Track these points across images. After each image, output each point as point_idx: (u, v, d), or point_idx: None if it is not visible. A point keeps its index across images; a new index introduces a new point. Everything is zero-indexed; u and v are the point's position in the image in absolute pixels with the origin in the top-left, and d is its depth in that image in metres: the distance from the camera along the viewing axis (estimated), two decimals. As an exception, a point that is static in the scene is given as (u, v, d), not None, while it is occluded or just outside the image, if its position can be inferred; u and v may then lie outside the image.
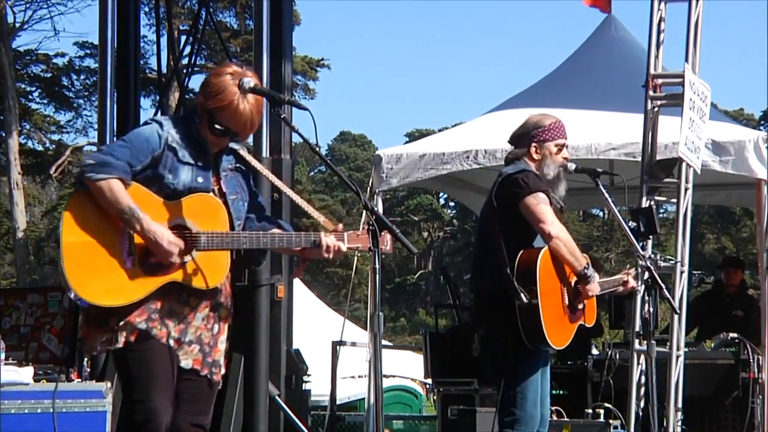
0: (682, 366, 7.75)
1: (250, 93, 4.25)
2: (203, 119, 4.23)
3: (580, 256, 5.22)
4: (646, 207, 7.56)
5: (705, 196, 11.02)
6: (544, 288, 5.07)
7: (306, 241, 4.29)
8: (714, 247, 60.98)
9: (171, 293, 4.14)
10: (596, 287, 5.27)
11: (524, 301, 5.02)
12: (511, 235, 5.21)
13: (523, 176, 5.25)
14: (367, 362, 9.22)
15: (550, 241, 5.13)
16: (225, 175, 4.32)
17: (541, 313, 5.02)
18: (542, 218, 5.13)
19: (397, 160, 9.17)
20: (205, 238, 4.12)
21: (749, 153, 8.24)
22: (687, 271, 7.88)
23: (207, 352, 4.25)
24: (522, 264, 5.11)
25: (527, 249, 5.17)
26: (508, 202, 5.24)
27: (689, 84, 7.72)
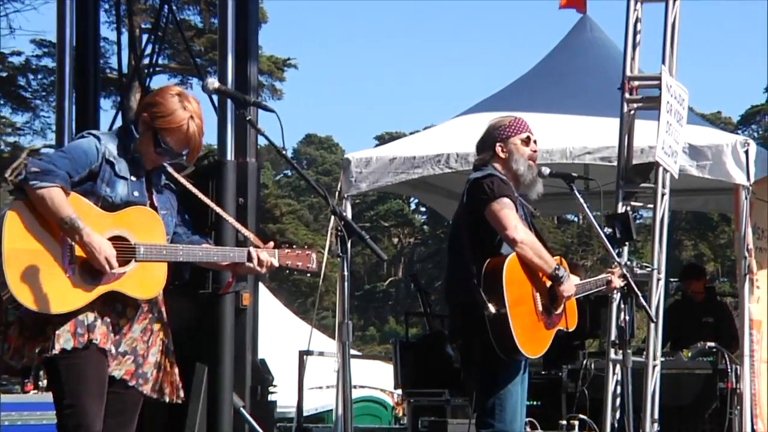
0: (658, 376, 7.79)
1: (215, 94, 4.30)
2: (145, 136, 4.38)
3: (549, 258, 5.23)
4: (621, 213, 7.62)
5: (682, 202, 11.09)
6: (512, 296, 5.08)
7: (239, 255, 4.46)
8: (691, 253, 61.36)
9: (109, 303, 4.28)
10: (571, 287, 5.29)
11: (492, 311, 5.03)
12: (478, 242, 5.23)
13: (488, 181, 5.27)
14: (335, 372, 9.22)
15: (515, 247, 5.14)
16: (158, 191, 4.47)
17: (511, 323, 5.03)
18: (506, 224, 5.14)
19: (366, 164, 9.18)
20: (144, 250, 4.27)
21: (727, 158, 8.30)
22: (664, 279, 7.93)
23: (139, 363, 4.39)
24: (488, 273, 5.12)
25: (494, 257, 5.18)
26: (475, 209, 5.27)
27: (666, 86, 7.77)
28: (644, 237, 44.81)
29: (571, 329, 5.43)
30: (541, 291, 5.25)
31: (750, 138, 8.84)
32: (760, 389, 8.48)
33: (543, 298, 5.25)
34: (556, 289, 5.25)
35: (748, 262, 8.28)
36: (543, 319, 5.23)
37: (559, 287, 5.23)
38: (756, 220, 8.72)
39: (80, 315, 4.20)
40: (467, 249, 5.24)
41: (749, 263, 8.31)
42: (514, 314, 5.05)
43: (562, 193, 6.16)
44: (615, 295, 7.47)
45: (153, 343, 4.43)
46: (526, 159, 5.42)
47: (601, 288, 5.69)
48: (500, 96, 10.06)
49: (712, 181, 8.58)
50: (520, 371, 5.29)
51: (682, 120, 7.98)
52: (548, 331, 5.27)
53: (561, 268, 5.24)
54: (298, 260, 4.52)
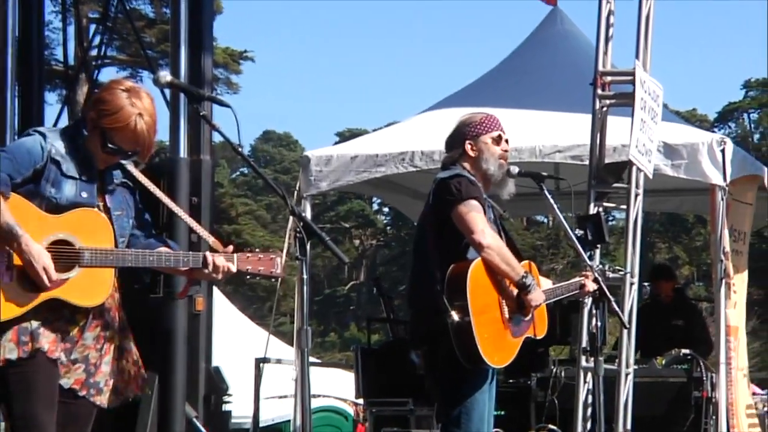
0: (631, 384, 7.83)
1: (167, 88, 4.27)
2: (93, 135, 4.33)
3: (517, 264, 5.22)
4: (593, 214, 7.65)
5: (656, 203, 11.16)
6: (476, 304, 5.08)
7: (194, 260, 4.40)
8: (666, 256, 61.76)
9: (55, 310, 4.23)
10: (539, 296, 5.29)
11: (455, 319, 5.03)
12: (444, 246, 5.22)
13: (455, 182, 5.26)
14: (294, 381, 9.19)
15: (481, 252, 5.13)
16: (110, 190, 4.42)
17: (475, 332, 5.03)
18: (473, 228, 5.13)
19: (326, 162, 9.17)
20: (89, 255, 4.22)
21: (703, 157, 8.35)
22: (637, 283, 7.98)
23: (91, 373, 4.36)
24: (452, 279, 5.11)
25: (460, 261, 5.18)
26: (441, 210, 5.26)
27: (640, 82, 7.82)
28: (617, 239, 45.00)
29: (540, 337, 5.44)
30: (508, 298, 5.25)
31: (727, 136, 8.91)
32: (737, 398, 8.54)
33: (510, 306, 5.25)
34: (523, 297, 5.25)
35: (724, 265, 8.34)
36: (510, 327, 5.23)
37: (526, 296, 5.23)
38: (733, 221, 8.78)
39: (23, 323, 4.16)
40: (432, 252, 5.23)
41: (725, 267, 8.37)
42: (478, 322, 5.05)
43: (531, 193, 6.18)
44: (586, 300, 7.51)
45: (106, 351, 4.39)
46: (497, 159, 5.42)
47: (574, 292, 5.70)
48: (467, 91, 10.08)
49: (688, 181, 8.64)
50: (486, 379, 5.29)
51: (657, 117, 8.03)
52: (515, 340, 5.27)
53: (529, 276, 5.24)
54: (260, 265, 4.46)
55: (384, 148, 9.19)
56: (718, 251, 8.36)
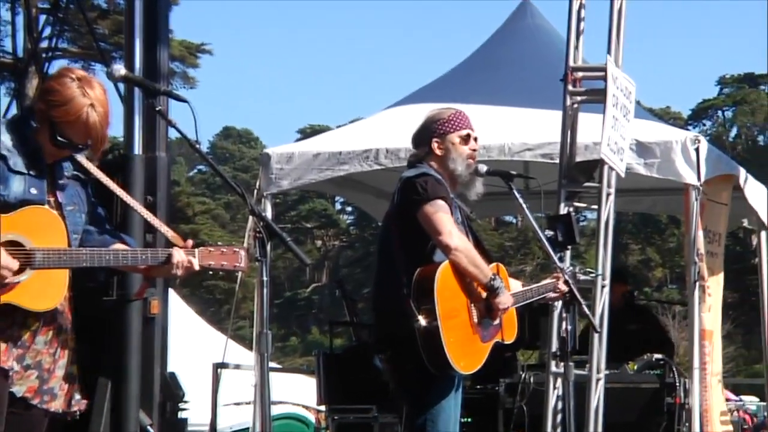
0: (602, 390, 7.86)
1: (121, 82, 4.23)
2: (42, 127, 4.25)
3: (485, 266, 5.24)
4: (564, 214, 7.68)
5: (629, 203, 11.21)
6: (444, 307, 5.08)
7: (153, 258, 4.34)
8: (638, 258, 62.14)
9: (6, 315, 4.16)
10: (507, 299, 5.30)
11: (422, 324, 5.04)
12: (410, 247, 5.22)
13: (421, 181, 5.26)
14: (253, 387, 9.17)
15: (449, 254, 5.14)
16: (62, 185, 4.34)
17: (443, 337, 5.03)
18: (440, 229, 5.14)
19: (287, 160, 9.16)
20: (41, 256, 4.13)
21: (676, 155, 8.40)
22: (609, 285, 8.01)
23: (45, 379, 4.29)
24: (419, 282, 5.11)
25: (426, 264, 5.18)
26: (406, 211, 5.26)
27: (612, 78, 7.85)
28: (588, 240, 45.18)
29: (509, 341, 5.46)
30: (477, 301, 5.27)
31: (701, 134, 8.96)
32: (711, 404, 8.60)
33: (479, 309, 5.26)
34: (491, 300, 5.26)
35: (698, 267, 8.38)
36: (478, 331, 5.25)
37: (495, 299, 5.24)
38: (707, 222, 8.83)
39: None
40: (397, 254, 5.24)
41: (700, 269, 8.41)
42: (446, 327, 5.06)
43: (500, 192, 6.19)
44: (556, 303, 7.54)
45: (61, 356, 4.33)
46: (465, 158, 5.42)
47: (545, 295, 5.72)
48: (434, 87, 10.10)
49: (661, 180, 8.69)
50: (453, 386, 5.30)
51: (629, 114, 8.06)
52: (484, 345, 5.29)
53: (497, 279, 5.25)
54: (223, 259, 4.39)
55: (347, 146, 9.19)
56: (692, 253, 8.41)
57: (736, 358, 44.88)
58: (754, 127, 61.25)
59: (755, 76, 62.52)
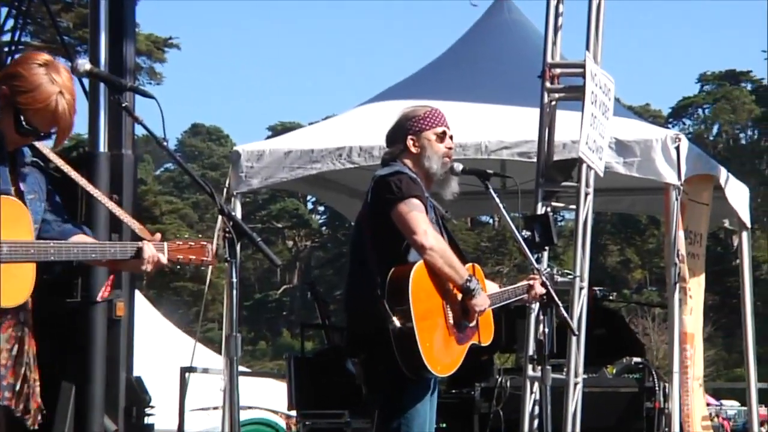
0: (580, 395, 7.89)
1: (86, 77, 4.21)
2: (6, 113, 4.19)
3: (461, 267, 5.25)
4: (541, 214, 7.70)
5: (607, 203, 11.25)
6: (419, 308, 5.09)
7: (122, 252, 4.29)
8: (617, 259, 62.43)
9: None
10: (483, 301, 5.31)
11: (397, 325, 5.04)
12: (384, 247, 5.22)
13: (395, 179, 5.26)
14: (222, 391, 9.15)
15: (423, 254, 5.15)
16: (24, 173, 4.28)
17: (418, 339, 5.04)
18: (414, 228, 5.15)
19: (258, 158, 9.14)
20: (8, 249, 4.07)
21: (656, 154, 8.43)
22: (587, 288, 8.04)
23: (2, 375, 4.25)
24: (393, 283, 5.12)
25: (401, 264, 5.18)
26: (380, 210, 5.27)
27: (591, 75, 7.87)
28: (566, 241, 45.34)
29: (486, 344, 5.46)
30: (452, 303, 5.28)
31: (681, 132, 8.99)
32: (693, 409, 8.63)
33: (454, 311, 5.27)
34: (467, 302, 5.27)
35: (679, 269, 8.41)
36: (454, 333, 5.26)
37: (470, 301, 5.26)
38: (688, 223, 8.87)
39: None
40: (370, 254, 5.23)
41: (680, 270, 8.44)
42: (421, 328, 5.06)
43: (476, 192, 6.20)
44: (533, 305, 7.55)
45: (21, 352, 4.27)
46: (441, 156, 5.43)
47: (522, 296, 5.73)
48: (409, 83, 10.10)
49: (641, 179, 8.72)
50: (428, 390, 5.31)
51: (608, 112, 8.09)
52: (460, 347, 5.30)
53: (473, 280, 5.26)
54: (192, 253, 4.36)
55: (320, 143, 9.18)
56: (673, 254, 8.43)
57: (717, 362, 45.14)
58: (735, 126, 61.56)
59: (737, 73, 62.90)
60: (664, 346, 34.78)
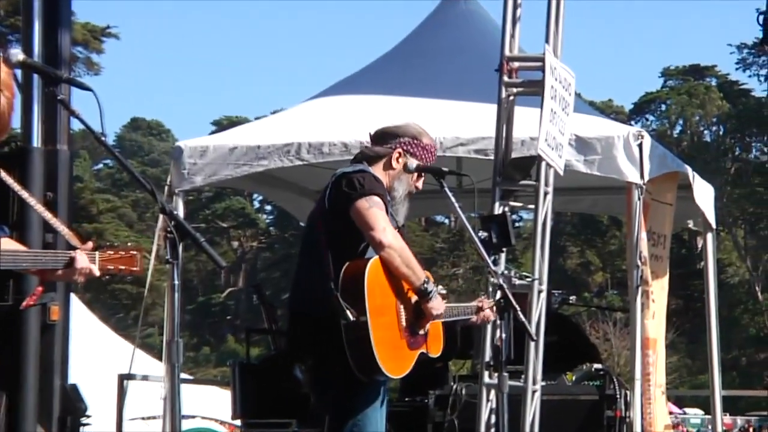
0: (538, 402, 7.92)
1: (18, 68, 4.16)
2: None
3: (419, 268, 5.28)
4: (499, 214, 7.72)
5: (567, 202, 11.30)
6: (374, 304, 5.11)
7: (54, 262, 4.27)
8: (577, 262, 62.76)
9: None
10: (440, 304, 5.35)
11: (350, 318, 5.05)
12: (339, 245, 5.24)
13: (359, 176, 5.31)
14: (162, 400, 9.12)
15: (381, 251, 5.18)
16: None
17: (371, 333, 5.06)
18: (373, 224, 5.18)
19: (201, 154, 9.11)
20: None
21: (618, 152, 8.47)
22: (546, 291, 8.07)
23: None
24: (347, 276, 5.14)
25: (354, 259, 5.20)
26: (338, 205, 5.28)
27: (550, 69, 7.90)
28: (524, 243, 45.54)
29: (435, 355, 5.50)
30: (406, 304, 5.30)
31: (644, 129, 9.04)
32: (655, 417, 8.68)
33: (408, 313, 5.30)
34: (423, 305, 5.30)
35: (641, 271, 8.46)
36: (406, 337, 5.28)
37: (427, 303, 5.29)
38: (651, 223, 8.92)
39: None
40: (324, 252, 5.23)
41: (643, 273, 8.49)
42: (375, 324, 5.08)
43: (430, 190, 6.20)
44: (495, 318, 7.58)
45: None
46: (408, 188, 5.54)
47: (469, 317, 5.83)
48: (360, 77, 10.10)
49: (602, 178, 8.76)
50: (379, 394, 5.33)
51: (569, 108, 8.12)
52: (411, 352, 5.32)
53: (430, 282, 5.31)
54: (122, 263, 4.36)
55: (267, 139, 9.16)
56: (635, 256, 8.48)
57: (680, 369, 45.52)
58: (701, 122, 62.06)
59: (701, 67, 63.39)
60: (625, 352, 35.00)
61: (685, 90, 61.92)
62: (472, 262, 54.06)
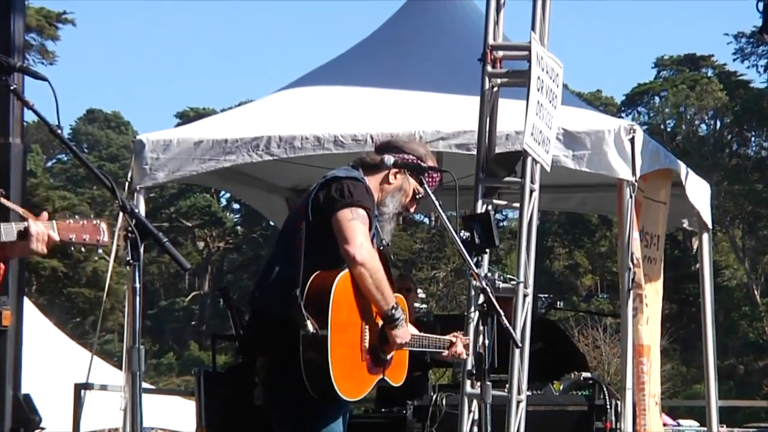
0: (523, 413, 7.93)
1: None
2: None
3: (389, 293, 5.29)
4: (482, 213, 7.73)
5: (555, 200, 11.33)
6: (337, 319, 5.12)
7: (7, 232, 4.25)
8: (565, 264, 62.90)
9: None
10: (406, 334, 5.37)
11: (309, 330, 5.06)
12: (316, 250, 5.25)
13: (350, 183, 5.32)
14: (122, 411, 9.11)
15: (353, 268, 5.19)
16: None
17: (330, 349, 5.06)
18: (350, 237, 5.19)
19: (164, 148, 9.10)
20: None
21: (609, 147, 8.49)
22: (531, 295, 8.08)
23: None
24: (315, 286, 5.15)
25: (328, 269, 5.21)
26: (322, 210, 5.29)
27: (537, 58, 7.92)
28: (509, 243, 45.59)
29: (396, 384, 5.53)
30: (371, 327, 5.33)
31: (636, 123, 9.07)
32: (648, 430, 8.69)
33: (372, 336, 5.33)
34: (387, 332, 5.32)
35: (633, 274, 8.47)
36: (367, 359, 5.30)
37: (392, 331, 5.31)
38: (644, 223, 8.94)
39: None
40: (299, 252, 5.24)
41: (635, 276, 8.50)
42: (335, 340, 5.10)
43: (408, 188, 6.22)
44: (472, 314, 7.60)
45: None
46: (399, 208, 5.57)
47: (440, 350, 5.90)
48: (333, 67, 10.09)
49: (591, 175, 8.78)
50: (341, 408, 5.34)
51: (556, 100, 8.14)
52: (370, 376, 5.35)
53: (399, 309, 5.32)
54: (84, 233, 4.34)
55: (235, 133, 9.15)
56: (626, 258, 8.49)
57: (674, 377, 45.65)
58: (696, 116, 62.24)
59: (697, 57, 63.54)
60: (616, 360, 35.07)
61: (680, 81, 62.08)
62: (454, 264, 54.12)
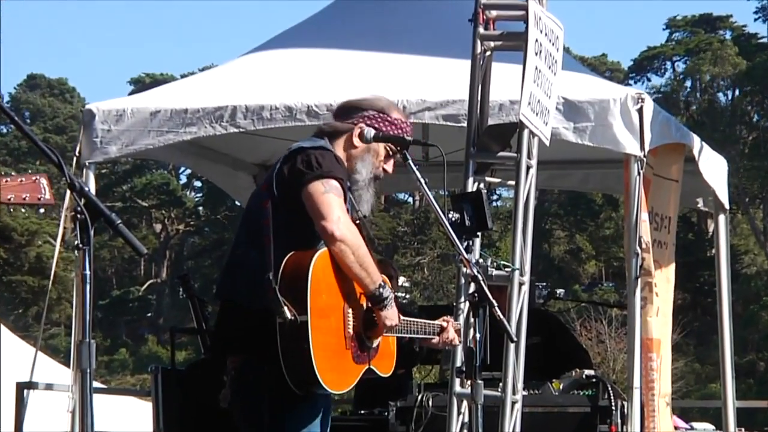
0: (519, 415, 7.96)
1: None
2: None
3: (374, 270, 5.28)
4: (473, 192, 7.73)
5: (554, 178, 11.34)
6: (317, 303, 5.13)
7: None
8: (565, 248, 63.05)
9: None
10: (394, 315, 5.37)
11: (287, 317, 5.06)
12: (286, 230, 5.25)
13: (318, 153, 5.31)
14: (70, 413, 9.11)
15: (332, 245, 5.19)
16: None
17: (311, 337, 5.07)
18: (325, 212, 5.18)
19: (117, 119, 9.08)
20: None
21: (614, 118, 8.49)
22: (528, 283, 8.10)
23: None
24: (289, 268, 5.15)
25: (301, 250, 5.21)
26: (290, 185, 5.29)
27: (534, 19, 7.92)
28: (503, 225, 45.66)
29: (385, 375, 5.53)
30: (355, 310, 5.33)
31: (645, 91, 9.07)
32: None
33: (356, 320, 5.33)
34: (375, 314, 5.32)
35: (641, 260, 8.47)
36: (351, 346, 5.30)
37: (380, 312, 5.31)
38: (653, 203, 8.94)
39: None
40: (267, 234, 5.24)
41: (644, 262, 8.50)
42: (316, 326, 5.10)
43: (391, 163, 6.23)
44: (462, 305, 7.61)
45: None
46: (374, 171, 5.54)
47: (431, 336, 5.88)
48: (306, 28, 10.06)
49: (595, 149, 8.79)
50: (319, 407, 5.37)
51: (556, 66, 8.14)
52: (356, 366, 5.35)
53: (387, 288, 5.32)
54: (23, 191, 4.36)
55: (195, 102, 9.14)
56: (633, 242, 8.50)
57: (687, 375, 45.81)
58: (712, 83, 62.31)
59: (713, 18, 63.61)
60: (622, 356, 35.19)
61: (695, 44, 62.12)
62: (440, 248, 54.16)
